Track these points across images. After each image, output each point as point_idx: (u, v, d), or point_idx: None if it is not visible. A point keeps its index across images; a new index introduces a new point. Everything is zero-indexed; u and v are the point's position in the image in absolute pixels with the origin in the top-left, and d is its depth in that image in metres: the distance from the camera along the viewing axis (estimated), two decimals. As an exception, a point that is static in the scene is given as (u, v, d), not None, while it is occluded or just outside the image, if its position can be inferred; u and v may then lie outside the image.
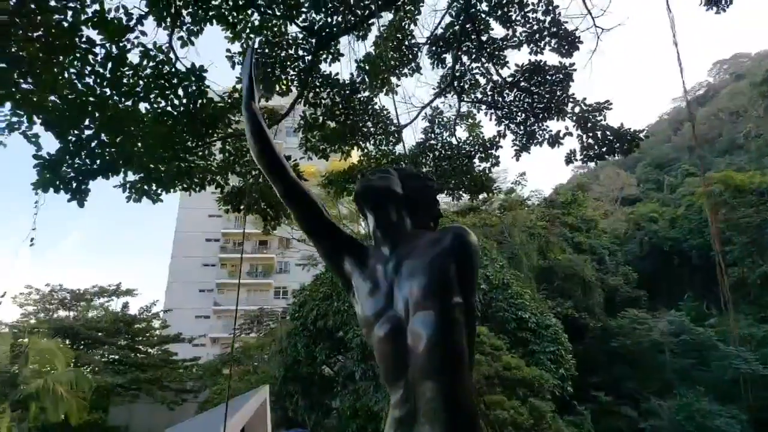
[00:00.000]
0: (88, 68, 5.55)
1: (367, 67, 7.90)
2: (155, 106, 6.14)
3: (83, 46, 5.43)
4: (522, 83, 9.01)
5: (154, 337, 28.88)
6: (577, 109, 8.77)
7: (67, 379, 19.31)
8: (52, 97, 5.63)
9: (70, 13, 5.47)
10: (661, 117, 76.13)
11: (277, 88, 7.49)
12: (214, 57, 6.86)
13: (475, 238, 1.72)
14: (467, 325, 1.59)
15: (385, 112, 8.57)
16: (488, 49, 8.80)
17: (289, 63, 7.33)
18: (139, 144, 6.24)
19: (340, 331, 17.98)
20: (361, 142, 8.69)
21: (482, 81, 9.10)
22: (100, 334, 25.89)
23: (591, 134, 8.77)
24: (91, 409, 23.92)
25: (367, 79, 7.97)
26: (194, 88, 6.24)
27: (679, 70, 8.82)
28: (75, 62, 5.49)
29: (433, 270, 1.61)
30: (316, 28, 7.23)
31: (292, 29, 7.23)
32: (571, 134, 8.85)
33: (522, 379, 14.51)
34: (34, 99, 5.62)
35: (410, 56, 8.57)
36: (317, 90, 7.70)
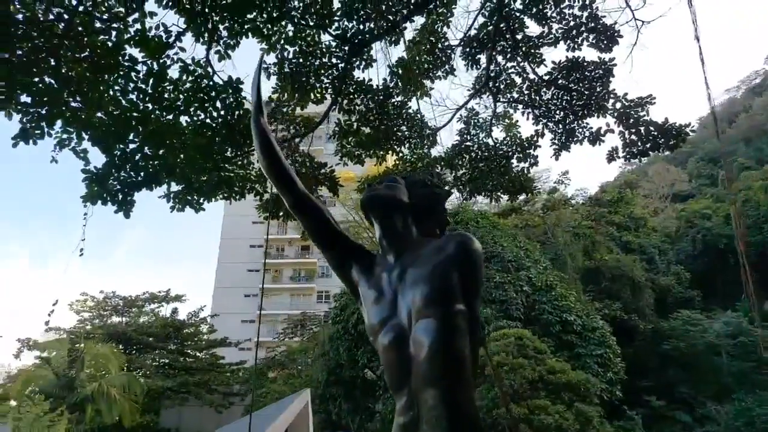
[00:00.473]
0: (131, 85, 5.78)
1: (400, 72, 7.91)
2: (195, 118, 6.33)
3: (126, 64, 5.67)
4: (560, 81, 8.82)
5: (202, 341, 29.68)
6: (618, 105, 8.52)
7: (120, 383, 20.12)
8: (99, 114, 5.90)
9: (113, 33, 5.73)
10: (714, 109, 72.65)
11: (312, 97, 7.60)
12: (250, 69, 6.99)
13: (479, 246, 1.70)
14: (471, 332, 1.58)
15: (419, 115, 8.56)
16: (523, 48, 8.66)
17: (323, 71, 7.43)
18: (181, 156, 6.46)
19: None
20: (396, 147, 8.70)
21: (518, 80, 8.96)
22: (150, 339, 26.82)
23: (633, 130, 8.50)
24: (143, 412, 24.83)
25: (400, 84, 7.99)
26: (231, 100, 6.41)
27: (701, 65, 8.51)
28: (119, 80, 5.73)
29: (435, 278, 1.61)
30: (348, 35, 7.31)
31: (325, 38, 7.32)
32: (612, 131, 8.59)
33: (567, 383, 14.13)
34: (83, 116, 5.90)
35: (444, 59, 8.53)
36: (351, 97, 7.77)
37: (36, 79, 5.53)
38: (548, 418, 13.01)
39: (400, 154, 8.94)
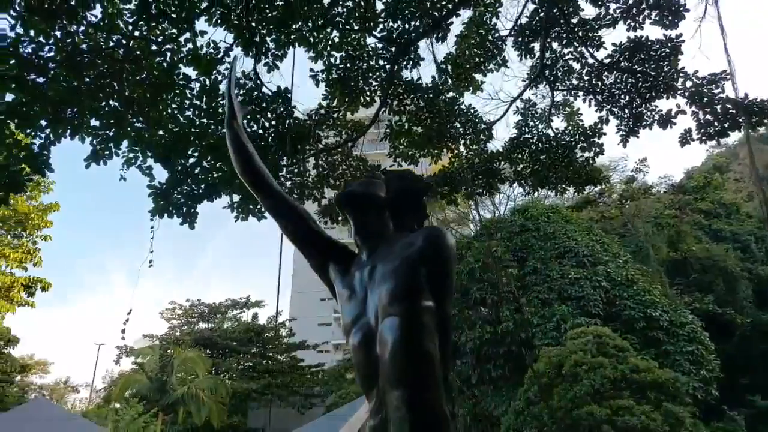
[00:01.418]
0: (187, 102, 6.09)
1: (449, 68, 7.79)
2: (249, 130, 6.55)
3: (181, 82, 5.99)
4: (622, 63, 8.33)
5: (282, 344, 30.66)
6: (688, 84, 7.92)
7: (208, 386, 21.22)
8: (160, 132, 6.26)
9: (168, 54, 6.07)
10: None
11: (362, 100, 7.65)
12: (298, 78, 7.16)
13: (451, 239, 1.61)
14: (441, 329, 1.49)
15: (472, 110, 8.38)
16: (580, 32, 8.26)
17: (370, 74, 7.46)
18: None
19: (454, 335, 17.83)
20: (450, 144, 8.57)
21: (576, 66, 8.57)
22: (234, 343, 28.06)
23: (708, 110, 7.86)
24: (232, 413, 26.05)
25: (450, 80, 7.86)
26: (282, 109, 6.58)
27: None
28: (175, 98, 6.05)
29: (401, 274, 1.53)
30: (394, 36, 7.29)
31: (371, 41, 7.36)
32: (684, 112, 8.00)
33: (653, 382, 13.25)
34: (146, 135, 6.29)
35: (495, 50, 8.31)
36: (401, 97, 7.75)
37: (103, 104, 5.97)
38: (633, 419, 12.27)
39: (456, 152, 8.79)
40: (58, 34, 5.42)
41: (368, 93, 7.61)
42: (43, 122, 5.63)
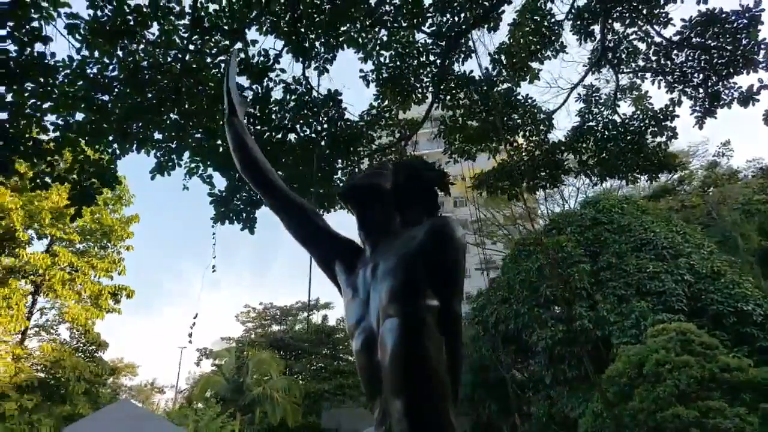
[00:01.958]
0: (241, 111, 6.22)
1: (503, 58, 7.52)
2: (302, 134, 6.63)
3: (235, 92, 6.12)
4: (693, 39, 7.73)
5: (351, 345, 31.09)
6: (772, 56, 7.22)
7: (282, 386, 21.83)
8: (218, 142, 6.45)
9: (222, 65, 6.24)
10: None
11: (414, 98, 7.55)
12: (346, 78, 7.17)
13: (458, 230, 1.46)
14: (447, 331, 1.35)
15: (530, 100, 8.05)
16: (644, 10, 7.73)
17: (421, 70, 7.35)
18: (300, 169, 6.78)
19: (523, 334, 17.30)
20: (508, 136, 8.28)
21: (642, 46, 8.04)
22: (306, 344, 28.73)
23: (796, 82, 7.13)
24: (306, 413, 26.69)
25: (504, 71, 7.60)
26: (334, 112, 6.60)
27: None
28: (230, 107, 6.19)
29: (400, 270, 1.41)
30: (444, 30, 7.14)
31: (420, 37, 7.24)
32: (767, 87, 7.30)
33: (748, 382, 12.20)
34: (205, 146, 6.52)
35: (551, 36, 7.93)
36: (453, 92, 7.57)
37: (164, 117, 6.24)
38: (726, 422, 11.36)
39: (515, 144, 8.49)
40: (120, 53, 5.71)
41: (420, 90, 7.50)
42: (110, 138, 5.98)
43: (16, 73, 4.96)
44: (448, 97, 7.61)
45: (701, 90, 8.00)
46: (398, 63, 7.23)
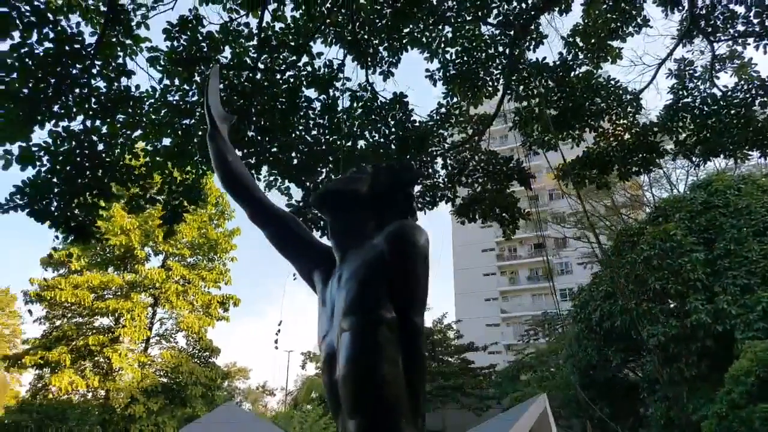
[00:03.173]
0: (311, 122, 6.40)
1: (578, 41, 7.08)
2: (371, 140, 6.67)
3: (303, 104, 6.32)
4: (804, -8, 6.81)
5: (450, 347, 30.86)
6: None
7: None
8: (293, 154, 6.67)
9: (291, 80, 6.46)
10: None
11: (485, 92, 7.33)
12: (411, 79, 7.10)
13: (420, 234, 1.33)
14: (404, 344, 1.24)
15: (613, 82, 7.51)
16: (741, -33, 6.93)
17: (490, 63, 7.11)
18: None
19: (632, 331, 16.15)
20: (592, 122, 7.77)
21: (740, 9, 7.18)
22: (405, 346, 28.90)
23: None
24: (410, 414, 26.81)
25: (581, 54, 7.15)
26: (401, 114, 6.58)
27: None
28: (300, 120, 6.40)
29: (355, 281, 1.32)
30: (511, 18, 6.86)
31: (486, 29, 7.01)
32: None
33: None
34: (282, 158, 6.77)
35: (632, 11, 7.33)
36: (526, 81, 7.24)
37: (242, 135, 6.57)
38: None
39: (599, 130, 7.95)
40: (197, 78, 6.10)
41: (490, 83, 7.26)
42: (195, 159, 6.39)
43: (107, 106, 5.46)
44: (521, 87, 7.29)
45: (818, 49, 7.02)
46: (465, 58, 7.05)
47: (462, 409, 27.38)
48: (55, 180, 5.38)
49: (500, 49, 7.06)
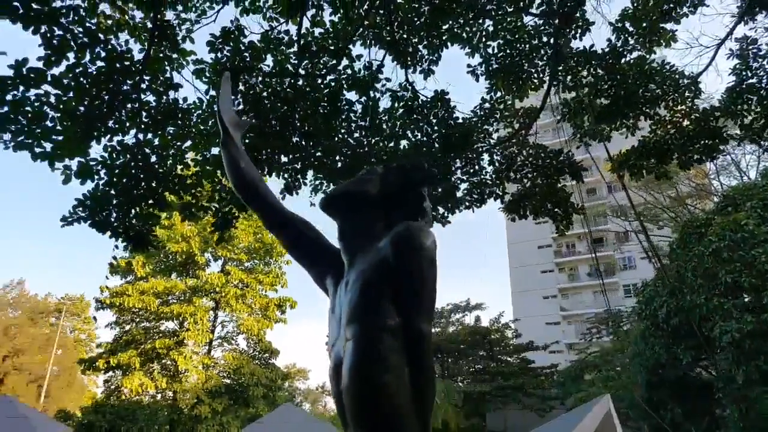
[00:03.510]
0: (353, 125, 6.43)
1: (628, 26, 6.75)
2: (414, 139, 6.62)
3: (345, 107, 6.35)
4: None
5: (509, 346, 30.28)
6: None
7: (439, 389, 22.01)
8: (337, 157, 6.72)
9: (332, 84, 6.51)
10: None
11: (530, 84, 7.12)
12: (452, 76, 7.00)
13: (425, 237, 1.27)
14: (409, 353, 1.18)
15: (668, 66, 7.11)
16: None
17: (534, 54, 6.89)
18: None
19: (702, 327, 15.27)
20: (647, 109, 7.39)
21: (809, -23, 6.64)
22: (462, 346, 28.62)
23: None
24: (469, 415, 26.53)
25: (631, 39, 6.81)
26: (443, 112, 6.49)
27: None
28: (342, 123, 6.44)
29: (358, 287, 1.28)
30: (554, 7, 6.63)
31: (528, 20, 6.80)
32: None
33: None
34: (326, 162, 6.83)
35: (686, -11, 6.91)
36: (573, 71, 6.97)
37: (287, 141, 6.68)
38: None
39: (656, 117, 7.55)
40: (242, 88, 6.26)
41: (535, 75, 7.04)
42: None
43: (158, 119, 5.69)
44: (569, 77, 7.03)
45: None
46: (508, 51, 6.87)
47: (524, 409, 26.80)
48: (112, 192, 5.65)
49: (544, 39, 6.84)
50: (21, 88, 4.66)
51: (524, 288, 40.24)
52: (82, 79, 5.05)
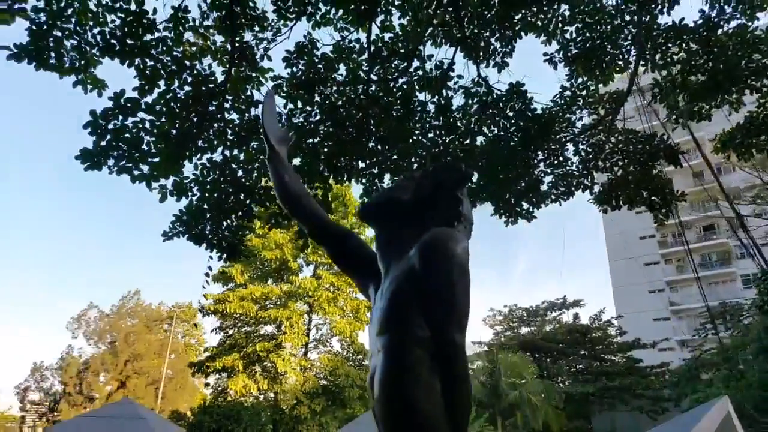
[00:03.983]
0: (427, 125, 6.40)
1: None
2: (490, 135, 6.47)
3: (418, 109, 6.34)
4: None
5: (612, 344, 28.66)
6: None
7: (538, 390, 21.30)
8: (412, 159, 6.72)
9: (405, 87, 6.52)
10: None
11: (615, 67, 6.71)
12: (527, 68, 6.75)
13: (453, 243, 1.19)
14: (442, 366, 1.11)
15: (775, 33, 6.38)
16: None
17: (617, 35, 6.47)
18: (499, 169, 6.64)
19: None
20: (752, 82, 6.68)
21: None
22: (560, 345, 27.49)
23: None
24: (572, 417, 25.40)
25: (728, 7, 6.18)
26: (520, 104, 6.28)
27: None
28: (416, 124, 6.43)
29: (387, 297, 1.22)
30: (637, -19, 6.19)
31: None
32: None
33: None
34: (402, 164, 6.85)
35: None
36: (663, 48, 6.45)
37: (364, 147, 6.78)
38: None
39: (764, 90, 6.80)
40: (317, 99, 6.44)
41: (620, 57, 6.60)
42: (324, 174, 6.74)
43: (242, 136, 6.01)
44: (658, 55, 6.52)
45: None
46: (588, 34, 6.50)
47: (633, 411, 25.22)
48: (205, 206, 6.05)
49: (627, 18, 6.40)
50: (120, 117, 5.14)
51: (626, 282, 37.76)
52: (172, 104, 5.46)
